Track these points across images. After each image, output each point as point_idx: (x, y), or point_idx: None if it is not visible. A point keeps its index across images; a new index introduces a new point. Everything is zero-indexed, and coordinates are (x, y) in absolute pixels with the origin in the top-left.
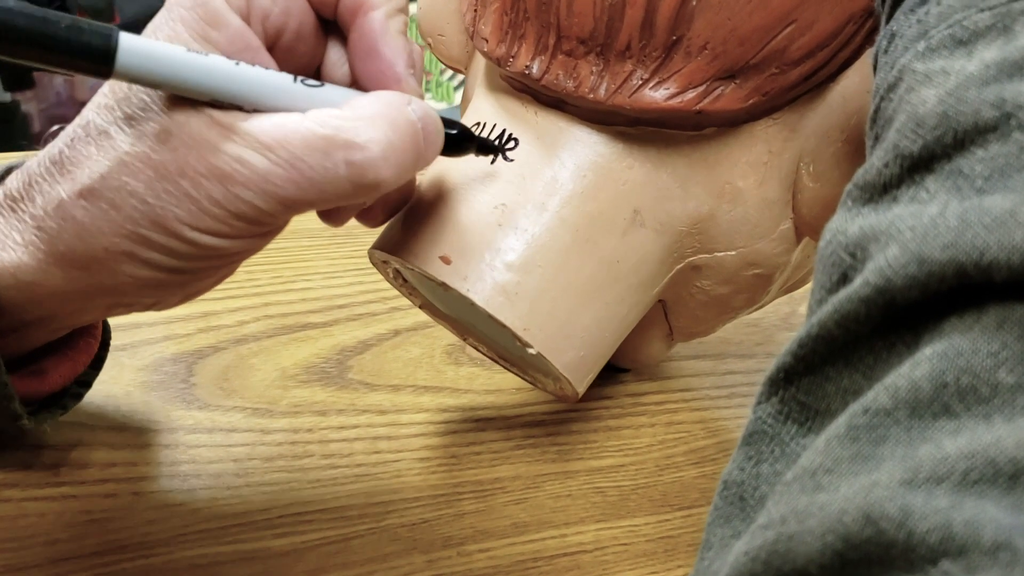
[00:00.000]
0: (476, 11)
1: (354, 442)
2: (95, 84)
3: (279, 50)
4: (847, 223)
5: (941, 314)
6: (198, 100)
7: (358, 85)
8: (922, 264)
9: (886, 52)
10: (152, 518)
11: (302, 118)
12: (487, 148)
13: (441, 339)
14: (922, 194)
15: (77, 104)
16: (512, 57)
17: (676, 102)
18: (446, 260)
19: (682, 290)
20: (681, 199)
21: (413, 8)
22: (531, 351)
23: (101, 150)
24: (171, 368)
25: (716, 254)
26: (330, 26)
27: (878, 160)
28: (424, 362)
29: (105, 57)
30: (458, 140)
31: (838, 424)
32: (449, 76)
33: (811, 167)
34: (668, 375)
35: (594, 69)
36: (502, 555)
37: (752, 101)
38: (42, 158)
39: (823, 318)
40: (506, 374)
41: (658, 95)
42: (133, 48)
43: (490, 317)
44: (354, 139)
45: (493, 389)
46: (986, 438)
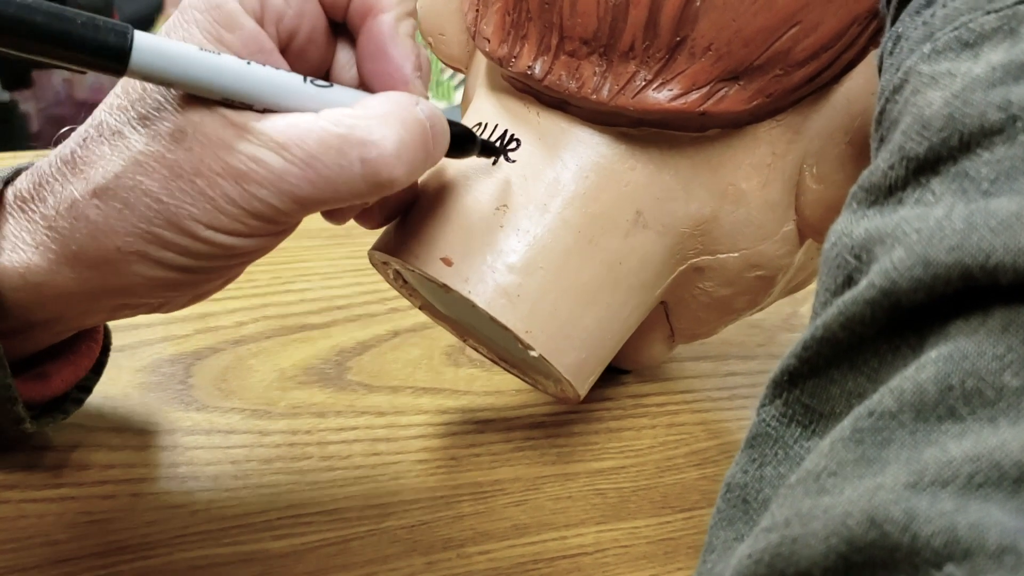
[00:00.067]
0: (478, 11)
1: (353, 444)
2: (94, 84)
3: (291, 52)
4: (852, 225)
5: (946, 317)
6: (210, 99)
7: (366, 87)
8: (928, 267)
9: (891, 54)
10: (151, 519)
11: (316, 117)
12: (490, 150)
13: (440, 340)
14: (928, 196)
15: (76, 103)
16: (514, 57)
17: (680, 103)
18: (447, 262)
19: (684, 292)
20: (684, 200)
21: None
22: (533, 353)
23: (115, 150)
24: (169, 369)
25: (719, 256)
26: (339, 29)
27: (883, 162)
28: (423, 363)
29: (120, 55)
30: (462, 141)
31: (842, 427)
32: (449, 75)
33: (815, 169)
34: (670, 376)
35: (597, 70)
36: (502, 557)
37: (756, 103)
38: (53, 159)
39: (828, 320)
40: (506, 375)
41: (661, 96)
42: (147, 46)
43: (491, 319)
44: (368, 137)
45: (493, 391)
46: (991, 441)
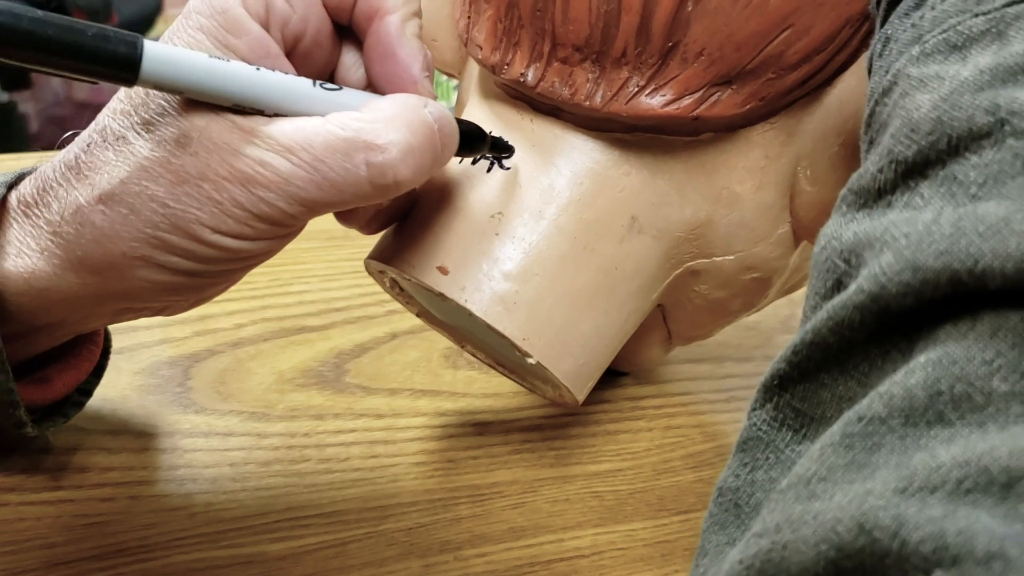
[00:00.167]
0: (469, 18)
1: (351, 446)
2: (93, 86)
3: (297, 56)
4: (841, 229)
5: (935, 321)
6: (219, 105)
7: (374, 88)
8: (916, 271)
9: (881, 56)
10: (149, 522)
11: (323, 121)
12: (499, 146)
13: (438, 343)
14: (916, 200)
15: (74, 104)
16: (507, 65)
17: (673, 108)
18: (443, 270)
19: (680, 295)
20: (679, 205)
21: None
22: (530, 360)
23: (119, 155)
24: (168, 372)
25: (714, 259)
26: (343, 31)
27: (872, 165)
28: (421, 366)
29: (131, 65)
30: (472, 139)
31: (833, 431)
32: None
33: (808, 171)
34: (666, 379)
35: (590, 76)
36: (499, 560)
37: (749, 106)
38: (57, 164)
39: (817, 324)
40: (504, 378)
41: (654, 102)
42: (157, 55)
43: (489, 327)
44: (374, 141)
45: (491, 393)
46: (980, 447)
